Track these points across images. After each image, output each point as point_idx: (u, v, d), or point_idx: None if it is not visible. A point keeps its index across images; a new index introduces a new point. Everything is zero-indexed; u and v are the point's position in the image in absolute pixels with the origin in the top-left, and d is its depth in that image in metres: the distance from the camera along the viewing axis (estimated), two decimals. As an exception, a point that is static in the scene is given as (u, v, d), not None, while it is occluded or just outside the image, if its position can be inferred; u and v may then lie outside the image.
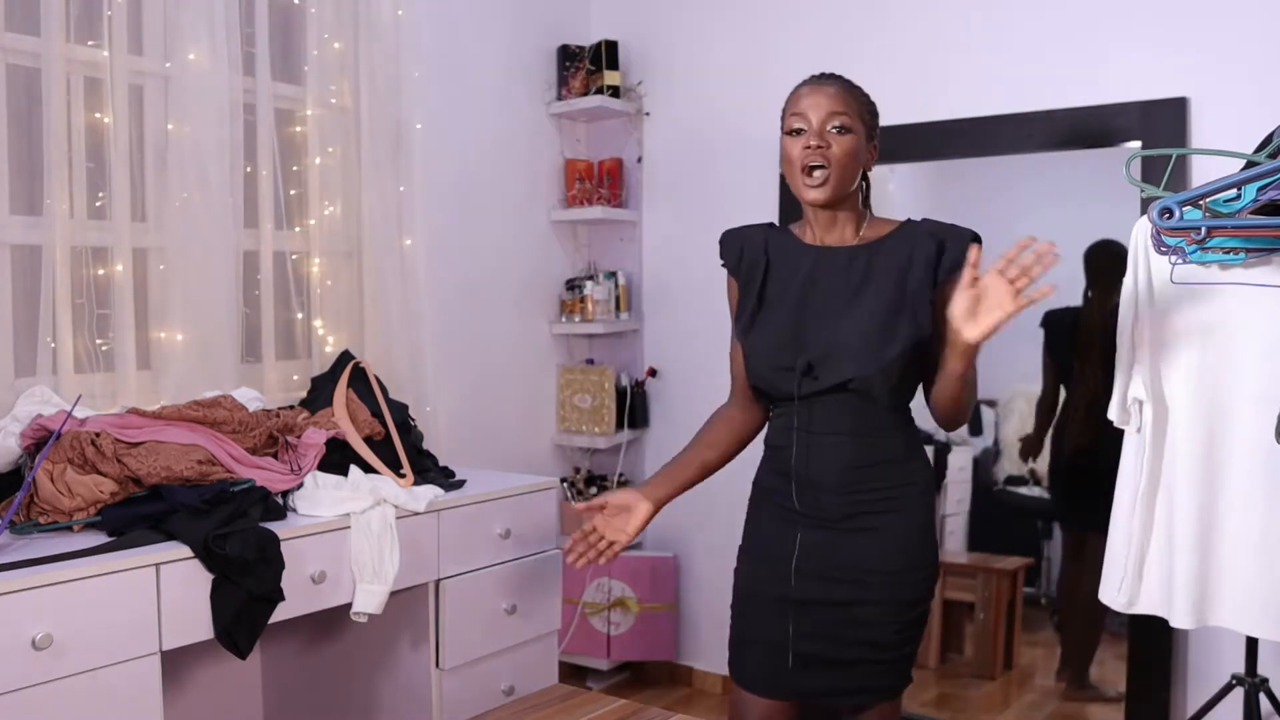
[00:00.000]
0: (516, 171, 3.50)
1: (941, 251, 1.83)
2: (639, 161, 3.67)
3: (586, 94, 3.53)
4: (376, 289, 2.86)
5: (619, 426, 3.60)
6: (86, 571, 1.76)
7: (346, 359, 2.58)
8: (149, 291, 2.50)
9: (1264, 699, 2.39)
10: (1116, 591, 2.24)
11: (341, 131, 2.85)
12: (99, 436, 2.02)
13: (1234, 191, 1.96)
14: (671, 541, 3.66)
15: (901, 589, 1.86)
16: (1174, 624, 2.18)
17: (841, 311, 1.84)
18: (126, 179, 2.40)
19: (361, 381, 2.53)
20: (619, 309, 3.64)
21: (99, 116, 2.37)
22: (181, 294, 2.48)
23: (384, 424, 2.46)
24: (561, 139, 3.66)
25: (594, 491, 3.60)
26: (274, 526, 2.02)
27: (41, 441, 2.04)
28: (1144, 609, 2.23)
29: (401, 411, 2.54)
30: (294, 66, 2.80)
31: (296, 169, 2.80)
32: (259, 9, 2.65)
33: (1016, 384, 3.13)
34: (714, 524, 3.43)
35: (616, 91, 3.55)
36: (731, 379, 2.06)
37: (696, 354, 3.48)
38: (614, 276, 3.64)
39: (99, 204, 2.39)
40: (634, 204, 3.68)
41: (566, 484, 3.62)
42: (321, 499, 2.17)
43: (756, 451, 2.03)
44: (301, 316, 2.80)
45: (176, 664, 2.41)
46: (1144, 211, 2.31)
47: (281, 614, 2.01)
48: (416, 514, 2.27)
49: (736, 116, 3.42)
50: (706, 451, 2.04)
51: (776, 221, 2.93)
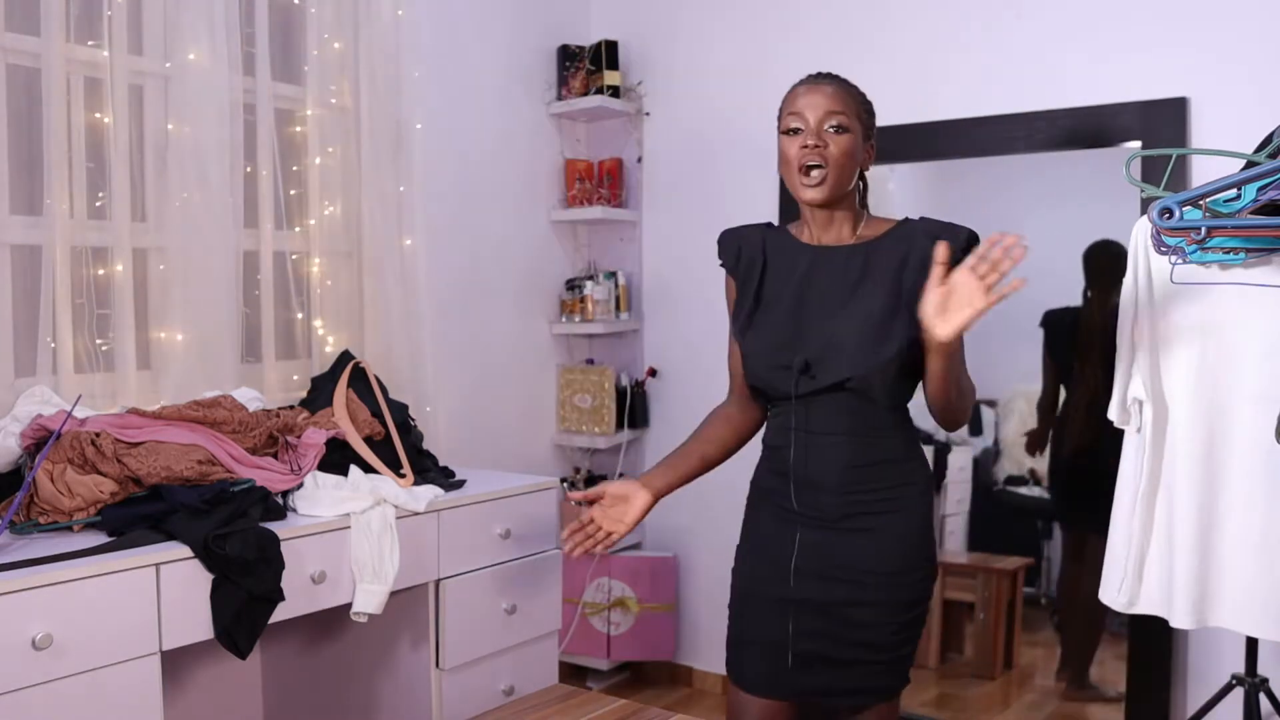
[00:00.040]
0: (516, 171, 3.50)
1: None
2: (639, 161, 3.67)
3: (586, 94, 3.53)
4: (376, 289, 2.86)
5: (619, 426, 3.60)
6: (86, 571, 1.76)
7: (346, 359, 2.58)
8: (149, 291, 2.50)
9: (1264, 699, 2.39)
10: (1117, 592, 2.24)
11: (341, 131, 2.85)
12: (99, 436, 2.02)
13: (1234, 191, 1.96)
14: (671, 541, 3.66)
15: (899, 590, 1.85)
16: (1174, 624, 2.18)
17: (838, 311, 1.84)
18: (126, 179, 2.40)
19: (361, 381, 2.53)
20: (619, 309, 3.64)
21: (99, 116, 2.37)
22: (181, 294, 2.48)
23: (384, 424, 2.46)
24: (561, 139, 3.66)
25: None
26: (274, 526, 2.02)
27: (41, 441, 2.04)
28: (1144, 609, 2.23)
29: (401, 411, 2.54)
30: (294, 66, 2.80)
31: (296, 169, 2.80)
32: (259, 9, 2.65)
33: (1016, 384, 3.13)
34: (714, 524, 3.43)
35: (616, 91, 3.54)
36: (730, 378, 2.06)
37: (696, 354, 3.48)
38: (614, 276, 3.64)
39: (99, 204, 2.39)
40: (634, 204, 3.68)
41: (566, 484, 3.62)
42: (321, 499, 2.17)
43: (755, 450, 2.03)
44: (301, 316, 2.80)
45: (176, 664, 2.41)
46: (1144, 211, 2.31)
47: (281, 614, 2.01)
48: (416, 514, 2.27)
49: (736, 116, 3.42)
50: (706, 446, 2.04)
51: (776, 222, 2.93)
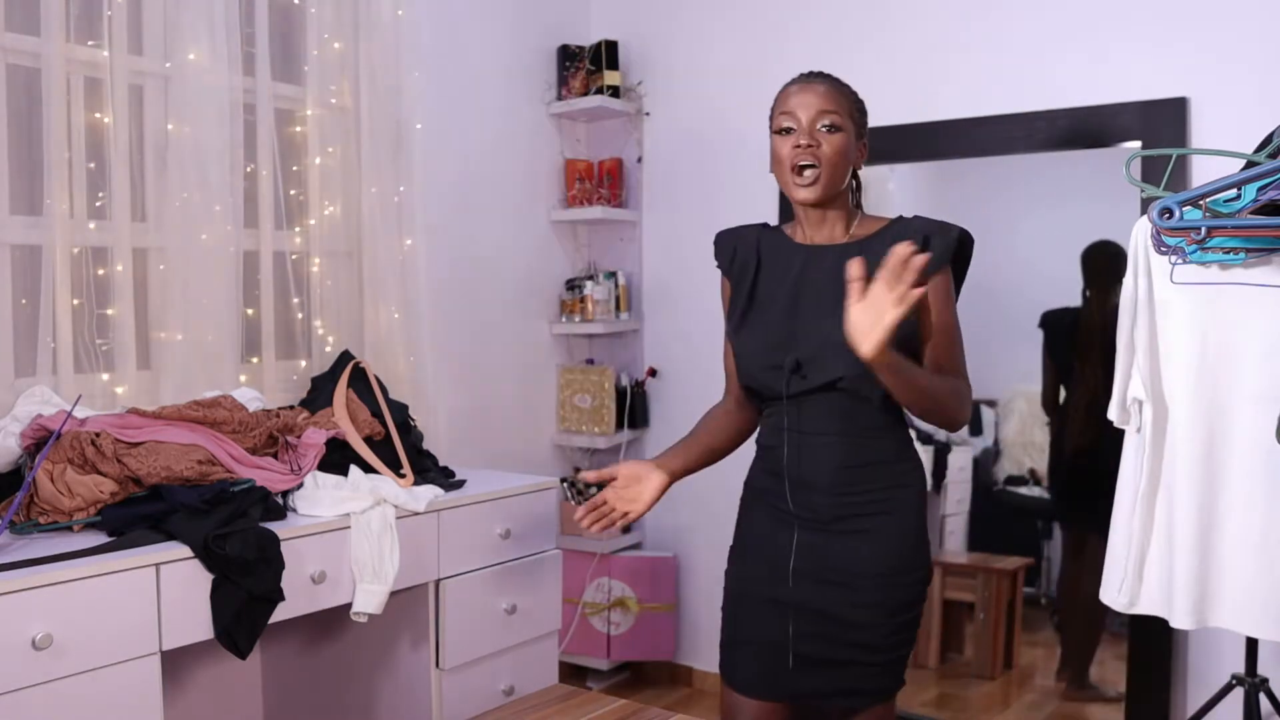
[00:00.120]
0: (516, 171, 3.50)
1: (927, 247, 1.79)
2: (639, 161, 3.67)
3: (586, 94, 3.53)
4: (376, 289, 2.86)
5: (619, 426, 3.60)
6: (86, 571, 1.76)
7: (346, 359, 2.58)
8: (149, 291, 2.50)
9: (1264, 699, 2.39)
10: (1117, 592, 2.24)
11: (341, 131, 2.85)
12: (99, 436, 2.02)
13: (1234, 191, 1.96)
14: (671, 541, 3.66)
15: (894, 592, 1.84)
16: (1174, 624, 2.18)
17: (831, 310, 1.81)
18: (126, 179, 2.40)
19: (361, 381, 2.53)
20: (619, 309, 3.64)
21: (99, 116, 2.37)
22: (181, 294, 2.48)
23: (384, 424, 2.46)
24: (561, 139, 3.66)
25: (594, 491, 3.60)
26: (274, 526, 2.02)
27: (41, 441, 2.04)
28: (1144, 609, 2.23)
29: (401, 411, 2.54)
30: (294, 66, 2.80)
31: (296, 169, 2.80)
32: (259, 9, 2.65)
33: (1016, 384, 3.13)
34: (714, 524, 3.41)
35: (616, 91, 3.54)
36: (725, 379, 2.06)
37: (696, 354, 3.48)
38: (614, 276, 3.64)
39: (99, 204, 2.39)
40: (634, 204, 3.68)
41: (566, 484, 3.62)
42: (321, 499, 2.17)
43: (752, 451, 2.03)
44: (301, 316, 2.79)
45: (176, 664, 2.41)
46: (1144, 211, 2.31)
47: (281, 614, 2.01)
48: (416, 514, 2.27)
49: (736, 116, 3.42)
50: (710, 438, 2.03)
51: (775, 222, 2.93)
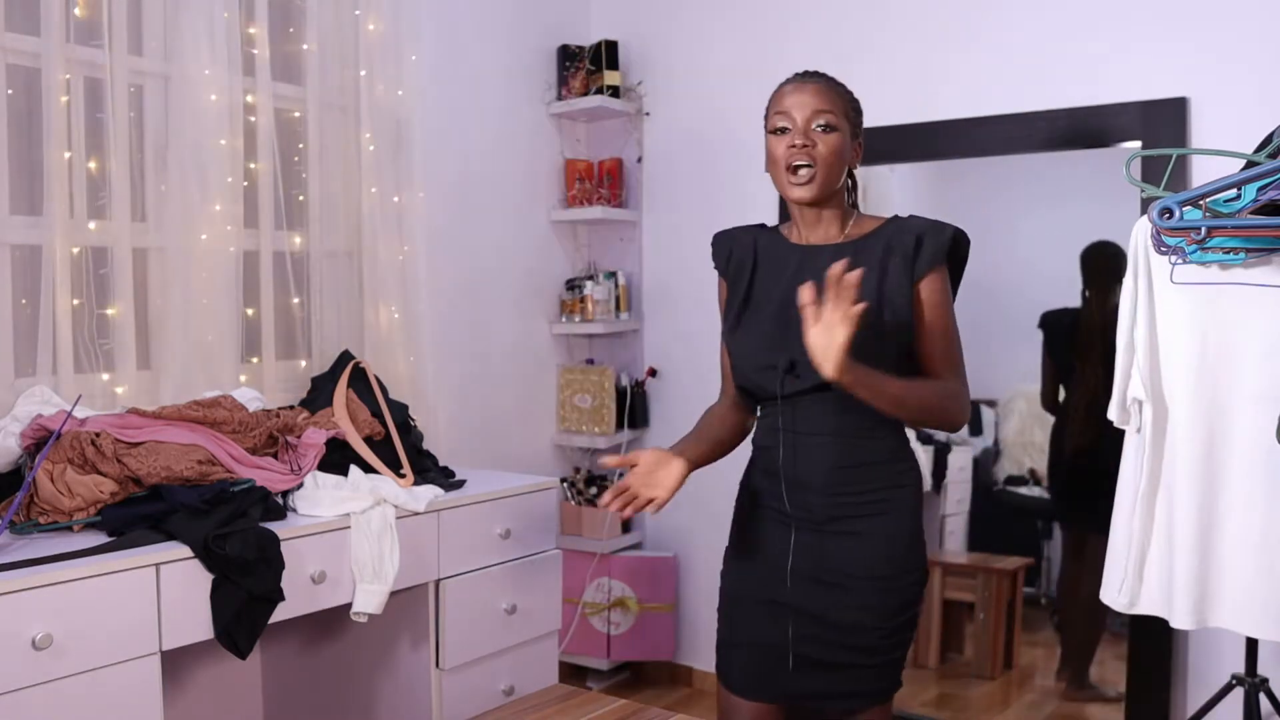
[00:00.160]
0: (516, 171, 3.50)
1: (919, 246, 1.80)
2: (639, 161, 3.67)
3: (586, 94, 3.53)
4: (376, 289, 2.86)
5: (619, 426, 3.60)
6: (86, 571, 1.76)
7: (346, 359, 2.58)
8: (149, 291, 2.50)
9: (1264, 699, 2.39)
10: (1117, 592, 2.24)
11: (341, 131, 2.85)
12: (99, 436, 2.02)
13: (1234, 191, 1.96)
14: (671, 541, 3.66)
15: (889, 594, 1.83)
16: (1174, 625, 2.17)
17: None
18: (126, 179, 2.40)
19: (361, 381, 2.53)
20: (619, 309, 3.64)
21: (99, 116, 2.37)
22: (181, 294, 2.48)
23: (384, 424, 2.46)
24: (561, 139, 3.66)
25: (594, 491, 3.60)
26: (274, 526, 2.02)
27: (41, 441, 2.04)
28: (1144, 609, 2.23)
29: (401, 411, 2.54)
30: (294, 66, 2.80)
31: (297, 169, 2.80)
32: (259, 9, 2.65)
33: (1016, 384, 3.13)
34: (714, 524, 3.40)
35: (616, 91, 3.54)
36: (721, 380, 2.05)
37: (696, 354, 3.48)
38: (614, 276, 3.64)
39: (99, 204, 2.39)
40: (634, 204, 3.68)
41: (566, 484, 3.62)
42: (321, 499, 2.17)
43: (748, 452, 2.03)
44: (301, 317, 2.79)
45: (176, 664, 2.41)
46: (1144, 211, 2.31)
47: (281, 614, 2.01)
48: (416, 514, 2.27)
49: (736, 116, 3.42)
50: (715, 433, 1.99)
51: (775, 222, 2.93)
